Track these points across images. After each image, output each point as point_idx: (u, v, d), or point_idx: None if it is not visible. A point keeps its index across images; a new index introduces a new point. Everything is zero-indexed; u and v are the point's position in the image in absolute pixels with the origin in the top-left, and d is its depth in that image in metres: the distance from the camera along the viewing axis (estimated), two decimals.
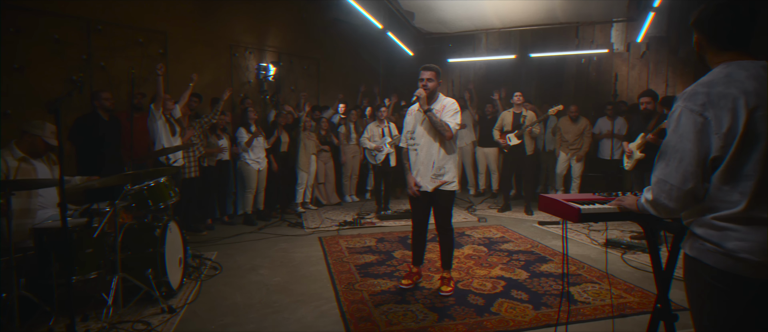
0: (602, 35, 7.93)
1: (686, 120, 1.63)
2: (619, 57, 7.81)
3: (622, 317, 3.35)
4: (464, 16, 6.76)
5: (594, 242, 5.22)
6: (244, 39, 7.66)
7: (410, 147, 3.83)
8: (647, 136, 4.84)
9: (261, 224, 6.16)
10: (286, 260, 4.71)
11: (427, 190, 3.70)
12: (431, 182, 3.69)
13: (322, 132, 7.42)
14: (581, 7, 6.25)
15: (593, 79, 8.11)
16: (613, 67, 7.85)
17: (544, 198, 2.40)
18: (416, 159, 3.76)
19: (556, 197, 2.34)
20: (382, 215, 6.43)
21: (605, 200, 2.36)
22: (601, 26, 7.84)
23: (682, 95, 1.70)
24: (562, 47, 8.12)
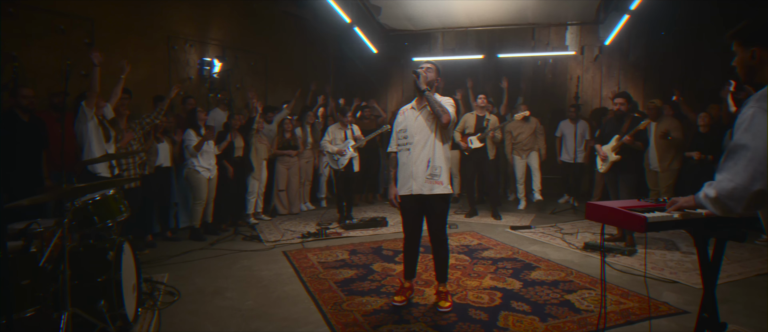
0: (557, 38, 8.05)
1: (760, 120, 1.56)
2: (574, 60, 7.96)
3: (629, 324, 3.21)
4: (433, 14, 6.52)
5: (572, 246, 5.14)
6: (183, 30, 6.89)
7: (402, 148, 3.49)
8: (623, 138, 4.83)
9: (212, 239, 5.49)
10: (254, 279, 4.15)
11: (422, 193, 3.37)
12: (426, 183, 3.36)
13: (286, 134, 6.84)
14: (551, 8, 6.25)
15: (549, 81, 8.21)
16: (568, 71, 7.99)
17: (595, 207, 2.15)
18: (408, 159, 3.42)
19: (610, 206, 2.09)
20: (346, 225, 5.99)
21: (655, 206, 2.15)
22: (556, 29, 7.96)
23: (754, 97, 1.63)
24: (518, 49, 8.15)
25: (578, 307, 3.45)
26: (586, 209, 2.19)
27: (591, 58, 7.76)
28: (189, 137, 5.39)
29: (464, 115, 6.59)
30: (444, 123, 3.29)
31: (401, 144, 3.50)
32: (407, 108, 3.54)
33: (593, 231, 5.78)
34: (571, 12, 6.59)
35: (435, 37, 8.77)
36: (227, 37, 7.54)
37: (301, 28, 8.62)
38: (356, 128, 6.42)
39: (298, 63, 8.78)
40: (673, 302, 3.54)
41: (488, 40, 8.42)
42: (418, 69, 3.36)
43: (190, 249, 5.11)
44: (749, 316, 3.30)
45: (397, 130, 3.54)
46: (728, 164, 1.64)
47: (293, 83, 8.54)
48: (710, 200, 1.69)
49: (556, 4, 6.23)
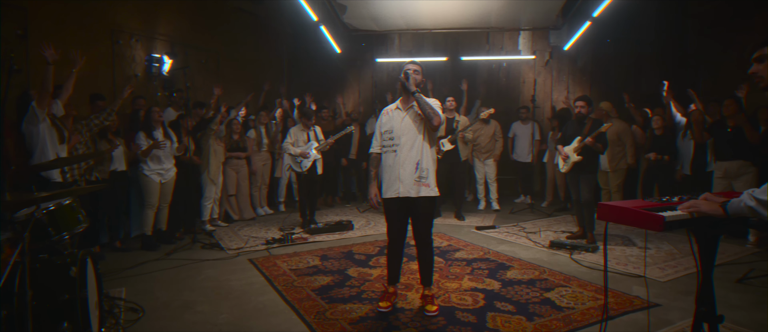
0: (511, 43, 8.29)
1: None
2: (526, 64, 8.23)
3: (612, 319, 3.32)
4: (398, 15, 6.47)
5: (538, 244, 5.27)
6: (129, 24, 6.39)
7: (387, 149, 3.40)
8: (586, 139, 5.02)
9: (168, 249, 5.11)
10: (223, 290, 3.89)
11: (410, 196, 3.30)
12: (415, 185, 3.29)
13: (234, 136, 6.51)
14: (513, 13, 6.40)
15: (503, 84, 8.43)
16: (521, 74, 8.25)
17: (607, 207, 2.17)
18: (395, 162, 3.33)
19: (625, 206, 2.12)
20: (311, 229, 5.80)
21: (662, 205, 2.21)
22: (510, 34, 8.19)
23: None
24: (473, 52, 8.30)
25: (559, 305, 3.52)
26: (598, 209, 2.20)
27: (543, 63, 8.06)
28: (139, 140, 4.99)
29: None
30: (435, 125, 3.24)
31: (386, 146, 3.40)
32: (391, 108, 3.46)
33: (554, 229, 5.97)
34: (532, 17, 6.80)
35: (392, 39, 8.75)
36: (176, 32, 7.09)
37: (255, 25, 8.28)
38: (319, 130, 6.24)
39: (251, 61, 8.43)
40: (644, 296, 3.70)
41: (444, 43, 8.52)
42: (407, 70, 3.29)
43: (145, 260, 4.72)
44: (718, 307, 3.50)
45: (381, 131, 3.44)
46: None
47: (246, 82, 8.19)
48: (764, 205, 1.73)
49: (519, 10, 6.40)
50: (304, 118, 6.14)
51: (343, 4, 6.43)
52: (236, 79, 8.12)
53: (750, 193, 1.80)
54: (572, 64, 7.92)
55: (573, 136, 5.23)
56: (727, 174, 5.19)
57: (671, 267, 4.42)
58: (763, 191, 1.73)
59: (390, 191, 3.36)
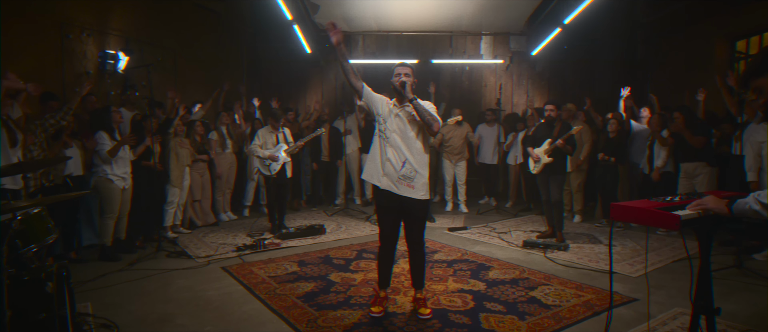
0: (473, 47, 8.46)
1: None
2: (488, 68, 8.43)
3: (596, 316, 3.42)
4: (371, 16, 6.42)
5: (511, 244, 5.39)
6: (79, 17, 5.93)
7: (377, 135, 3.32)
8: (556, 141, 5.19)
9: (131, 259, 4.78)
10: (201, 301, 3.67)
11: (391, 191, 3.24)
12: (398, 183, 3.24)
13: (196, 138, 6.20)
14: (484, 18, 6.51)
15: (466, 87, 8.58)
16: (483, 78, 8.43)
17: (620, 207, 2.22)
18: (383, 152, 3.27)
19: (638, 206, 2.18)
20: (283, 234, 5.61)
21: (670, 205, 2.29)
22: (472, 38, 8.35)
23: None
24: (437, 55, 8.40)
25: (546, 303, 3.60)
26: (610, 210, 2.25)
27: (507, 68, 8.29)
28: (102, 140, 4.64)
29: None
30: (434, 131, 3.21)
31: (380, 129, 3.31)
32: (388, 101, 3.39)
33: (523, 229, 6.13)
34: (502, 23, 6.96)
35: (355, 40, 8.68)
36: (131, 27, 6.66)
37: (214, 23, 7.95)
38: (288, 132, 6.07)
39: (209, 60, 8.07)
40: (622, 291, 3.86)
41: (408, 46, 8.56)
42: (403, 77, 3.23)
43: (106, 272, 4.38)
44: (684, 298, 3.70)
45: (373, 110, 3.34)
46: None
47: (204, 82, 7.84)
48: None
49: (489, 15, 6.54)
50: (272, 120, 5.95)
51: (315, 4, 6.30)
52: (194, 78, 7.75)
53: (755, 197, 1.90)
54: (531, 70, 8.21)
55: (543, 138, 5.39)
56: (687, 174, 5.54)
57: (639, 262, 4.65)
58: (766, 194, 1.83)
59: (373, 178, 3.30)
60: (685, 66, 7.09)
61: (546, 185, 5.46)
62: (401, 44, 8.59)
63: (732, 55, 6.67)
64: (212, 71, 8.08)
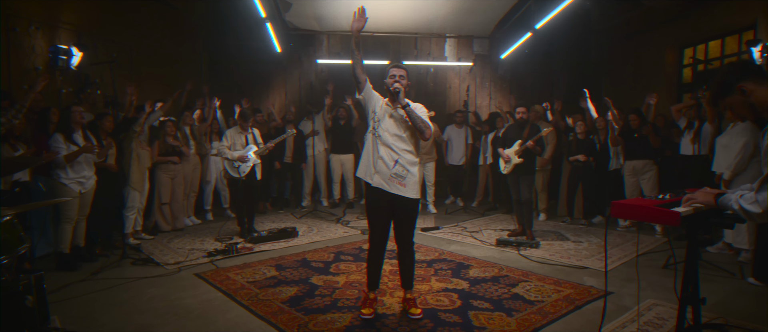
0: (437, 49, 8.57)
1: None
2: (452, 70, 8.57)
3: (578, 309, 3.55)
4: (344, 16, 6.33)
5: (485, 243, 5.50)
6: (27, 9, 5.49)
7: (371, 132, 3.30)
8: (527, 143, 5.35)
9: (92, 268, 4.47)
10: (181, 310, 3.49)
11: (382, 188, 3.23)
12: (390, 181, 3.23)
13: (167, 139, 5.89)
14: (455, 20, 6.60)
15: (431, 89, 8.68)
16: (447, 80, 8.56)
17: (621, 205, 2.32)
18: (374, 149, 3.25)
19: (639, 204, 2.28)
20: (254, 238, 5.44)
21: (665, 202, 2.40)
22: (437, 40, 8.47)
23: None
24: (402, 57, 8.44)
25: (530, 299, 3.70)
26: (611, 208, 2.34)
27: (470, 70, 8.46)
28: (57, 143, 4.30)
29: None
30: (427, 138, 3.24)
31: (374, 128, 3.29)
32: (382, 98, 3.37)
33: (493, 228, 6.28)
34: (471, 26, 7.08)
35: (319, 40, 8.57)
36: (83, 21, 6.25)
37: (171, 19, 7.61)
38: (257, 133, 5.90)
39: (167, 58, 7.70)
40: (597, 285, 4.03)
41: (373, 46, 8.55)
42: (398, 79, 3.23)
43: (68, 282, 4.08)
44: (654, 290, 3.91)
45: (369, 108, 3.32)
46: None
47: (161, 80, 7.48)
48: (755, 214, 1.93)
49: (461, 17, 6.64)
50: (241, 120, 5.77)
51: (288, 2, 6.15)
52: (151, 76, 7.38)
53: (737, 198, 2.03)
54: (494, 73, 8.44)
55: (514, 139, 5.55)
56: (634, 171, 5.89)
57: (609, 256, 4.87)
58: (747, 200, 1.96)
59: (366, 175, 3.29)
60: (636, 71, 7.54)
61: (516, 184, 5.62)
62: (367, 45, 8.55)
63: (680, 61, 7.16)
64: (169, 69, 7.73)
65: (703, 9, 6.24)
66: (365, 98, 3.35)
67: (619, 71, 7.85)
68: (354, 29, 3.19)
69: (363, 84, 3.32)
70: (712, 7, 6.14)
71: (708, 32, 6.45)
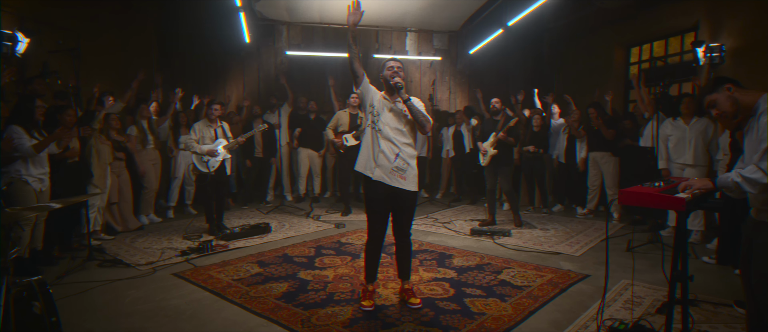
0: (398, 43, 8.63)
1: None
2: (413, 64, 8.67)
3: (563, 292, 3.75)
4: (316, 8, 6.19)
5: (460, 233, 5.64)
6: None
7: (369, 127, 3.30)
8: (498, 134, 5.56)
9: (56, 272, 4.14)
10: (170, 311, 3.33)
11: (384, 182, 3.26)
12: (391, 174, 3.27)
13: (111, 133, 5.51)
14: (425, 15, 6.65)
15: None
16: (408, 74, 8.65)
17: (630, 193, 2.48)
18: (374, 143, 3.27)
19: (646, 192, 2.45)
20: (226, 235, 5.24)
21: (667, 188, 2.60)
22: (398, 34, 8.52)
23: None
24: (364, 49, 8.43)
25: (517, 284, 3.86)
26: (620, 196, 2.50)
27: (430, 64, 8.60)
28: (18, 134, 3.92)
29: (337, 113, 6.52)
30: (427, 132, 3.29)
31: (370, 123, 3.29)
32: (379, 92, 3.37)
33: (463, 218, 6.46)
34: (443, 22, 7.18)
35: (279, 31, 8.35)
36: (25, 4, 5.69)
37: (121, 4, 7.11)
38: (226, 126, 5.68)
39: (116, 46, 7.19)
40: (574, 269, 4.27)
41: (335, 39, 8.46)
42: (397, 78, 3.24)
43: None
44: (625, 272, 4.20)
45: (366, 102, 3.32)
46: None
47: (110, 69, 6.98)
48: (754, 182, 2.16)
49: (429, 13, 6.71)
50: (210, 112, 5.52)
51: None
52: (100, 65, 6.85)
53: (738, 171, 2.28)
54: (453, 67, 8.63)
55: (489, 132, 5.73)
56: (596, 162, 6.29)
57: (577, 242, 5.18)
58: (749, 170, 2.22)
59: (366, 169, 3.29)
60: (587, 67, 8.01)
61: (493, 176, 5.80)
62: (327, 37, 8.47)
63: (628, 59, 7.70)
64: (118, 57, 7.22)
65: (650, 11, 6.75)
66: (363, 92, 3.34)
67: (571, 67, 8.30)
68: (350, 23, 3.18)
69: (361, 78, 3.31)
70: (657, 9, 6.65)
71: (653, 33, 6.99)
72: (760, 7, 5.27)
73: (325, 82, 8.43)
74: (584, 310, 3.34)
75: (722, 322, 3.14)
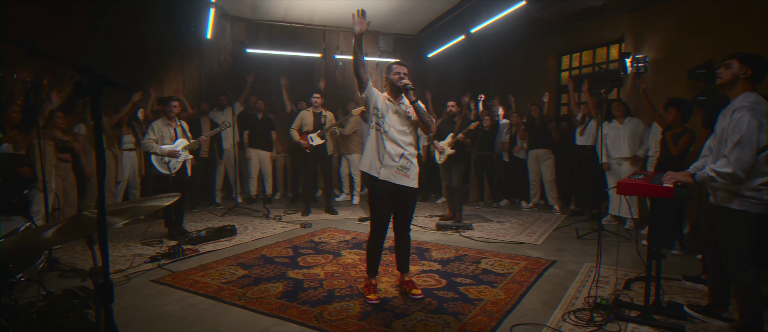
0: (345, 43, 8.69)
1: (752, 121, 2.57)
2: None
3: (541, 276, 4.09)
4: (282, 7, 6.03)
5: (426, 228, 5.87)
6: None
7: (374, 128, 3.42)
8: (458, 135, 5.88)
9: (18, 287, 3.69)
10: (170, 317, 3.16)
11: (389, 181, 3.39)
12: (396, 173, 3.41)
13: (55, 132, 5.00)
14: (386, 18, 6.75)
15: (340, 83, 8.77)
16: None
17: (627, 184, 2.84)
18: (379, 144, 3.39)
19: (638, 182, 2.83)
20: (194, 239, 4.99)
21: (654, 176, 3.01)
22: (345, 35, 8.59)
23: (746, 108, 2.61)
24: (311, 49, 8.39)
25: (500, 272, 4.16)
26: (618, 187, 2.86)
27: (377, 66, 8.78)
28: None
29: (300, 113, 6.46)
30: (430, 132, 3.51)
31: (374, 124, 3.40)
32: (382, 93, 3.48)
33: (422, 214, 6.71)
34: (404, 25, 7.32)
35: (223, 27, 8.03)
36: None
37: None
38: (186, 126, 5.41)
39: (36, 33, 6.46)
40: (542, 256, 4.68)
41: (281, 37, 8.31)
42: (406, 80, 3.39)
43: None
44: (584, 256, 4.69)
45: (371, 105, 3.42)
46: (737, 150, 2.56)
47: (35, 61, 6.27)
48: (724, 175, 2.60)
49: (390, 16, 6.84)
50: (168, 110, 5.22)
51: None
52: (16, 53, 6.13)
53: (711, 166, 2.73)
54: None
55: (446, 132, 6.03)
56: (537, 159, 6.87)
57: (533, 232, 5.64)
58: (720, 165, 2.67)
59: (372, 169, 3.40)
60: (523, 73, 8.68)
61: (448, 173, 6.11)
62: (273, 35, 8.29)
63: (559, 66, 8.47)
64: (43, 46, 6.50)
65: (580, 23, 7.52)
66: (367, 95, 3.44)
67: (507, 73, 8.94)
68: (356, 32, 3.26)
69: (365, 83, 3.41)
70: (587, 22, 7.43)
71: (583, 43, 7.78)
72: (677, 25, 6.13)
73: (270, 81, 8.28)
74: (565, 291, 3.70)
75: (676, 293, 3.66)
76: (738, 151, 2.58)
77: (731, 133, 2.65)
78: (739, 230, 2.73)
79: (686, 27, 6.02)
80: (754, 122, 2.56)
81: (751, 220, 2.69)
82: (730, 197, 2.75)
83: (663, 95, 5.49)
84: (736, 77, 2.71)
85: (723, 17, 5.61)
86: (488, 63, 9.26)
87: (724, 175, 2.66)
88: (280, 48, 8.05)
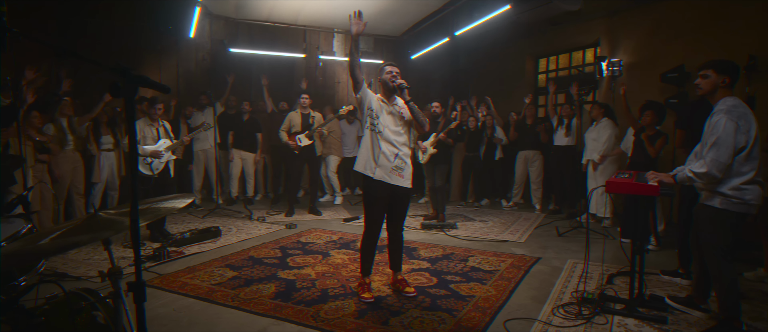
0: (326, 43, 8.68)
1: (728, 124, 2.72)
2: (340, 66, 8.79)
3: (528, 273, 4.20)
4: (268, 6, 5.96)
5: (409, 228, 5.92)
6: None
7: (368, 128, 3.45)
8: (439, 135, 5.96)
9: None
10: (164, 320, 3.12)
11: (384, 181, 3.43)
12: (391, 173, 3.45)
13: (31, 132, 4.84)
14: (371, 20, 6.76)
15: (320, 83, 8.74)
16: (335, 75, 8.75)
17: (615, 182, 2.96)
18: (374, 144, 3.43)
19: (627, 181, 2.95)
20: (178, 240, 4.91)
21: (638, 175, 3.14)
22: (325, 35, 8.58)
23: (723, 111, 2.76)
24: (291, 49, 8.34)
25: (488, 269, 4.25)
26: (606, 185, 2.98)
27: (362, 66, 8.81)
28: None
29: (288, 114, 6.43)
30: (425, 130, 3.52)
31: (369, 125, 3.44)
32: (375, 94, 3.51)
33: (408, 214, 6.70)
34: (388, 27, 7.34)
35: (202, 26, 7.88)
36: None
37: None
38: (168, 126, 5.31)
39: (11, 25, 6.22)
40: (526, 253, 4.80)
41: (259, 37, 8.23)
42: (400, 80, 3.43)
43: None
44: (567, 253, 4.84)
45: (365, 105, 3.45)
46: (713, 151, 2.71)
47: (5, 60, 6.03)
48: (700, 175, 2.75)
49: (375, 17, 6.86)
50: (152, 110, 5.12)
51: None
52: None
53: (689, 167, 2.87)
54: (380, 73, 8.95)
55: (430, 132, 6.10)
56: (525, 160, 7.04)
57: (516, 230, 5.77)
58: (697, 165, 2.81)
59: (366, 170, 3.43)
60: (501, 75, 8.86)
61: (432, 172, 6.19)
62: (253, 34, 8.20)
63: (536, 69, 8.68)
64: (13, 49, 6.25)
65: (557, 27, 7.72)
66: (362, 96, 3.47)
67: (486, 75, 9.10)
68: (353, 33, 3.28)
69: (361, 84, 3.44)
70: (563, 26, 7.64)
71: (559, 47, 8.00)
72: (650, 30, 6.39)
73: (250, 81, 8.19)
74: (551, 286, 3.82)
75: (655, 287, 3.82)
76: (714, 152, 2.72)
77: (709, 135, 2.80)
78: (720, 227, 2.88)
79: (659, 32, 6.28)
80: (731, 124, 2.70)
81: (732, 218, 2.84)
82: (712, 196, 2.89)
83: (636, 98, 5.71)
84: (716, 86, 2.87)
85: (694, 23, 5.88)
86: (467, 65, 9.41)
87: (701, 175, 2.80)
88: (261, 48, 7.97)
